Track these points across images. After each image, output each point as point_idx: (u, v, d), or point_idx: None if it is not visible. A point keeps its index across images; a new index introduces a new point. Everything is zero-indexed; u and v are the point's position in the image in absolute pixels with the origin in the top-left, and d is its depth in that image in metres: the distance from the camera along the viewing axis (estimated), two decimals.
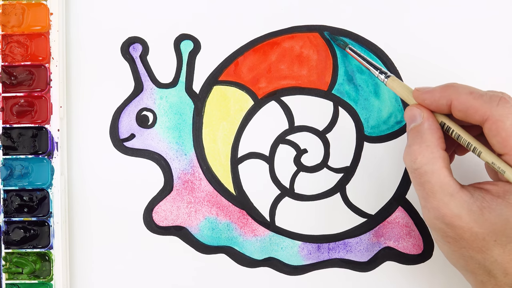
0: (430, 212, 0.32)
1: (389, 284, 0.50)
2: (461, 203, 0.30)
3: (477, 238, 0.30)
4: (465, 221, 0.30)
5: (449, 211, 0.30)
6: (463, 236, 0.31)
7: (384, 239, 0.50)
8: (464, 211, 0.30)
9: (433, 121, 0.33)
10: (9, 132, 0.50)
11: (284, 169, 0.50)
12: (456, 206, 0.30)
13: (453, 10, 0.50)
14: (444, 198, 0.31)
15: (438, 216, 0.31)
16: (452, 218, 0.30)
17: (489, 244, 0.30)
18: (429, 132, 0.33)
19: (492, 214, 0.30)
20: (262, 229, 0.50)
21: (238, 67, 0.50)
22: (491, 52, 0.50)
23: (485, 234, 0.30)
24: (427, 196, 0.32)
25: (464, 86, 0.33)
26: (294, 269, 0.50)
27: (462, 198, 0.30)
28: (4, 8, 0.50)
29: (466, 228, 0.30)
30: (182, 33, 0.51)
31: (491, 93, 0.32)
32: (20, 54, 0.50)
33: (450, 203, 0.31)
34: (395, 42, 0.50)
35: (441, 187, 0.31)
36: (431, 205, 0.32)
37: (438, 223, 0.31)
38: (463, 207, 0.30)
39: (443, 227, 0.31)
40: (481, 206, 0.30)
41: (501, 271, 0.30)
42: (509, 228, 0.29)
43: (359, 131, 0.50)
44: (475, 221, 0.30)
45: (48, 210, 0.49)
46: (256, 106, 0.50)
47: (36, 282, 0.49)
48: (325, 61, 0.50)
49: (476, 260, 0.31)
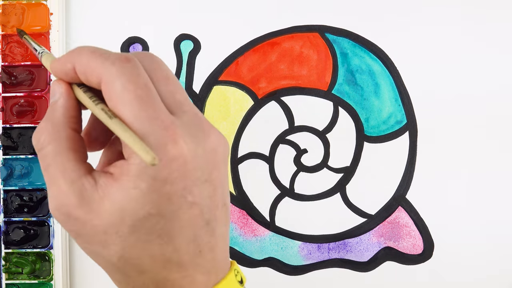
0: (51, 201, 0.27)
1: (389, 284, 0.50)
2: (81, 192, 0.26)
3: (98, 232, 0.26)
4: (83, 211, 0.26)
5: (67, 201, 0.26)
6: (85, 229, 0.26)
7: (384, 239, 0.49)
8: (84, 201, 0.26)
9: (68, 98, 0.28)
10: (9, 132, 0.50)
11: (284, 169, 0.50)
12: (75, 195, 0.26)
13: (453, 10, 0.50)
14: (64, 186, 0.26)
15: (57, 206, 0.26)
16: (71, 209, 0.26)
17: (112, 237, 0.26)
18: (60, 109, 0.27)
19: (109, 202, 0.25)
20: (262, 229, 0.50)
21: (238, 67, 0.50)
22: (491, 52, 0.50)
23: (105, 226, 0.26)
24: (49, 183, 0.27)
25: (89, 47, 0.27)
26: (294, 269, 0.50)
27: (83, 186, 0.26)
28: (4, 8, 0.50)
29: (86, 220, 0.26)
30: (182, 33, 0.51)
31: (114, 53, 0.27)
32: (20, 54, 0.50)
33: (69, 191, 0.26)
34: (395, 42, 0.50)
35: (63, 173, 0.26)
36: (52, 193, 0.26)
37: (58, 215, 0.26)
38: (82, 196, 0.26)
39: (64, 219, 0.26)
40: (103, 194, 0.26)
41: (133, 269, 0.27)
42: (127, 216, 0.25)
43: (359, 131, 0.50)
44: (94, 212, 0.26)
45: (48, 210, 0.49)
46: (256, 106, 0.50)
47: (36, 282, 0.49)
48: (325, 61, 0.50)
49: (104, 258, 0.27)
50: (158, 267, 0.27)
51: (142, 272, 0.27)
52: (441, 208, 0.50)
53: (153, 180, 0.25)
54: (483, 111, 0.50)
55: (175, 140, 0.25)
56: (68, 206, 0.26)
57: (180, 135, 0.25)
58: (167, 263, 0.27)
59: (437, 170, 0.50)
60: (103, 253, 0.27)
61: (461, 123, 0.50)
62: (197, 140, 0.26)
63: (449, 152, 0.50)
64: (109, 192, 0.26)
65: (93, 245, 0.27)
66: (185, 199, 0.26)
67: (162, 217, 0.26)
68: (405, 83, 0.50)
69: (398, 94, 0.49)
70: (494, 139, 0.50)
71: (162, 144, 0.25)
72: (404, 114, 0.50)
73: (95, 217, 0.26)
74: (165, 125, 0.25)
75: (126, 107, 0.25)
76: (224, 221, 0.28)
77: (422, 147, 0.50)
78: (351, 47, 0.50)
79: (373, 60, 0.49)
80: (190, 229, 0.26)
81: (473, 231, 0.50)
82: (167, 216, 0.26)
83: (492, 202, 0.50)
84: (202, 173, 0.26)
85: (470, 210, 0.50)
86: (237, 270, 0.30)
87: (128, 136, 0.24)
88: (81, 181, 0.26)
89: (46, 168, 0.27)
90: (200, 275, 0.27)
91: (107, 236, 0.26)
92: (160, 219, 0.26)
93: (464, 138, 0.50)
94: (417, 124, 0.50)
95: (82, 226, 0.26)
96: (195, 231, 0.27)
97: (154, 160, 0.23)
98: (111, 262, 0.27)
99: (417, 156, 0.50)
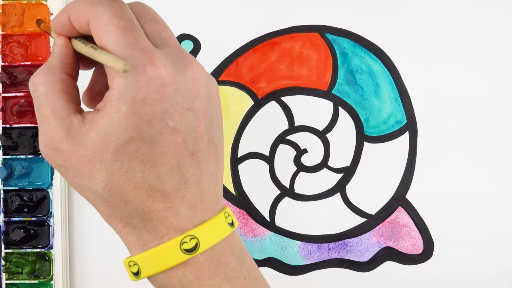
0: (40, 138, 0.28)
1: (389, 284, 0.50)
2: (69, 127, 0.27)
3: (84, 162, 0.27)
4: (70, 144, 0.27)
5: (55, 135, 0.27)
6: (71, 162, 0.27)
7: (384, 239, 0.50)
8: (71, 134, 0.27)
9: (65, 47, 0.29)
10: (9, 132, 0.50)
11: (284, 169, 0.50)
12: (63, 129, 0.27)
13: (453, 10, 0.50)
14: (53, 122, 0.27)
15: (46, 141, 0.28)
16: (58, 143, 0.27)
17: (96, 166, 0.27)
18: (57, 56, 0.29)
19: (94, 132, 0.26)
20: (262, 229, 0.50)
21: (238, 67, 0.50)
22: (491, 52, 0.50)
23: (90, 156, 0.26)
24: (40, 121, 0.28)
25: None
26: (294, 269, 0.50)
27: (71, 122, 0.27)
28: (4, 8, 0.50)
29: (72, 152, 0.27)
30: (182, 33, 0.51)
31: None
32: (20, 54, 0.50)
33: (57, 126, 0.27)
34: (395, 42, 0.50)
35: (53, 110, 0.27)
36: (41, 130, 0.28)
37: (46, 150, 0.28)
38: (69, 130, 0.27)
39: (52, 154, 0.28)
40: (89, 127, 0.27)
41: (118, 199, 0.27)
42: (110, 142, 0.26)
43: (359, 131, 0.50)
44: (80, 144, 0.27)
45: (48, 210, 0.49)
46: (256, 106, 0.50)
47: (36, 282, 0.49)
48: (325, 61, 0.50)
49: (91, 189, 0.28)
50: (142, 195, 0.27)
51: (126, 201, 0.27)
52: (441, 208, 0.50)
53: (132, 101, 0.26)
54: (484, 111, 0.50)
55: (153, 62, 0.26)
56: (56, 140, 0.27)
57: (159, 59, 0.26)
58: (151, 191, 0.27)
59: (437, 170, 0.50)
60: (89, 184, 0.27)
61: (461, 123, 0.50)
62: (177, 67, 0.27)
63: (449, 152, 0.50)
64: (94, 123, 0.26)
65: (80, 177, 0.28)
66: (165, 123, 0.26)
67: (143, 141, 0.26)
68: (405, 83, 0.50)
69: (398, 94, 0.49)
70: (494, 139, 0.50)
71: (140, 66, 0.26)
72: (404, 114, 0.50)
73: (81, 148, 0.27)
74: (145, 50, 0.26)
75: (110, 37, 0.26)
76: (213, 158, 0.29)
77: (422, 147, 0.50)
78: (351, 47, 0.50)
79: (373, 60, 0.49)
80: (173, 157, 0.27)
81: (473, 231, 0.50)
82: (148, 140, 0.26)
83: (492, 202, 0.50)
84: (183, 99, 0.27)
85: (470, 210, 0.50)
86: (228, 213, 0.30)
87: (104, 55, 0.26)
88: (70, 118, 0.27)
89: (39, 107, 0.28)
90: (186, 208, 0.28)
91: (91, 165, 0.27)
92: (142, 143, 0.26)
93: (464, 138, 0.50)
94: (417, 124, 0.50)
95: (69, 158, 0.27)
96: (179, 159, 0.27)
97: (125, 66, 0.24)
98: (97, 192, 0.28)
99: (417, 156, 0.50)
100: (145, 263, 0.28)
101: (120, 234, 0.29)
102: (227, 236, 0.29)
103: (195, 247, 0.27)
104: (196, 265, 0.28)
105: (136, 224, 0.28)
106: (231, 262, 0.29)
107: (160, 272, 0.28)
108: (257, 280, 0.30)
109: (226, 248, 0.29)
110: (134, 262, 0.28)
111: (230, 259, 0.29)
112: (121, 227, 0.29)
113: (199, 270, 0.28)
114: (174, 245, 0.27)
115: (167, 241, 0.28)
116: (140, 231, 0.28)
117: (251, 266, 0.30)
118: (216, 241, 0.28)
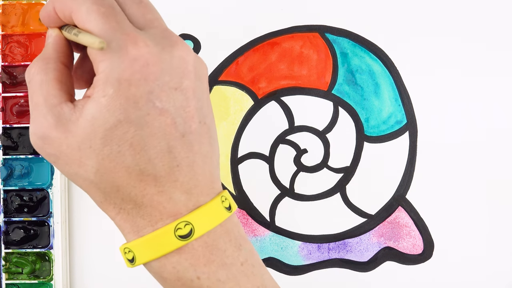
0: (31, 126, 0.28)
1: (389, 284, 0.50)
2: (60, 114, 0.27)
3: (73, 149, 0.26)
4: (59, 131, 0.26)
5: (45, 123, 0.27)
6: (61, 150, 0.27)
7: (384, 239, 0.50)
8: (61, 121, 0.26)
9: (58, 38, 0.29)
10: (9, 132, 0.50)
11: (284, 169, 0.50)
12: (53, 117, 0.27)
13: (453, 11, 0.50)
14: (44, 109, 0.27)
15: (35, 129, 0.27)
16: (48, 130, 0.27)
17: (86, 152, 0.26)
18: (51, 46, 0.29)
19: (83, 118, 0.26)
20: (262, 229, 0.50)
21: (238, 67, 0.50)
22: (492, 51, 0.50)
23: (79, 142, 0.26)
24: (32, 109, 0.28)
25: None
26: (294, 269, 0.50)
27: (62, 110, 0.27)
28: (4, 8, 0.50)
29: (62, 139, 0.26)
30: (182, 33, 0.51)
31: None
32: (20, 54, 0.50)
33: (48, 114, 0.27)
34: (395, 42, 0.50)
35: (45, 98, 0.27)
36: (32, 118, 0.27)
37: (36, 139, 0.27)
38: (60, 118, 0.26)
39: (41, 143, 0.27)
40: (79, 114, 0.26)
41: (110, 184, 0.27)
42: (98, 127, 0.26)
43: (359, 131, 0.50)
44: (69, 131, 0.26)
45: (48, 210, 0.49)
46: (256, 106, 0.50)
47: (36, 282, 0.49)
48: (325, 61, 0.50)
49: (83, 177, 0.27)
50: (134, 180, 0.27)
51: (119, 186, 0.27)
52: (441, 208, 0.50)
53: (118, 83, 0.25)
54: (484, 111, 0.50)
55: (135, 42, 0.26)
56: (46, 128, 0.27)
57: (141, 39, 0.26)
58: (142, 175, 0.27)
59: (437, 170, 0.50)
60: (81, 171, 0.27)
61: (461, 123, 0.50)
62: (162, 46, 0.26)
63: (449, 152, 0.50)
64: (83, 110, 0.26)
65: (71, 165, 0.27)
66: (153, 104, 0.26)
67: (131, 123, 0.26)
68: (405, 83, 0.50)
69: (398, 94, 0.49)
70: (494, 139, 0.50)
71: (123, 47, 0.25)
72: (404, 114, 0.50)
73: (70, 135, 0.26)
74: (127, 32, 0.26)
75: (92, 24, 0.26)
76: (207, 140, 0.28)
77: (422, 147, 0.50)
78: (351, 47, 0.50)
79: (373, 60, 0.49)
80: (163, 139, 0.26)
81: (473, 231, 0.50)
82: (135, 123, 0.26)
83: (492, 202, 0.50)
84: (170, 78, 0.26)
85: (470, 210, 0.50)
86: (225, 196, 0.29)
87: (83, 36, 0.26)
88: (61, 106, 0.27)
89: (32, 95, 0.28)
90: (179, 192, 0.27)
91: (81, 152, 0.26)
92: (130, 126, 0.26)
93: (464, 138, 0.50)
94: (417, 124, 0.50)
95: (58, 146, 0.27)
96: (169, 141, 0.26)
97: (101, 44, 0.25)
98: (89, 179, 0.27)
99: (417, 156, 0.50)
100: (139, 250, 0.27)
101: (115, 220, 0.29)
102: (224, 221, 0.28)
103: (189, 233, 0.27)
104: (191, 252, 0.27)
105: (129, 210, 0.28)
106: (227, 249, 0.28)
107: (154, 259, 0.27)
108: (255, 267, 0.29)
109: (223, 233, 0.28)
110: (129, 249, 0.28)
111: (226, 245, 0.28)
112: (115, 214, 0.28)
113: (194, 257, 0.27)
114: (168, 232, 0.27)
115: (161, 227, 0.27)
116: (134, 217, 0.28)
117: (249, 252, 0.29)
118: (211, 227, 0.27)
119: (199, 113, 0.27)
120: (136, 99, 0.26)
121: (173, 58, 0.27)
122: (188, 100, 0.27)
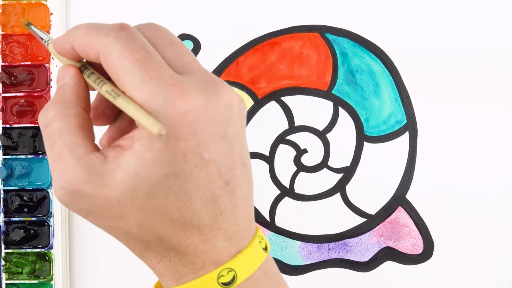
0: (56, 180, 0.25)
1: (389, 284, 0.50)
2: (90, 166, 0.25)
3: (112, 203, 0.25)
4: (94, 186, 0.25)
5: (75, 177, 0.25)
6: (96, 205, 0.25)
7: (384, 239, 0.50)
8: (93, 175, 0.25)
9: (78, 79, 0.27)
10: (9, 132, 0.50)
11: (284, 169, 0.50)
12: (83, 170, 0.25)
13: (453, 10, 0.50)
14: (71, 162, 0.25)
15: (64, 184, 0.25)
16: (79, 185, 0.25)
17: (126, 206, 0.25)
18: (71, 89, 0.27)
19: (121, 172, 0.25)
20: (262, 229, 0.50)
21: (238, 67, 0.50)
22: (492, 51, 0.50)
23: (119, 197, 0.25)
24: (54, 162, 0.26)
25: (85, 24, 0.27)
26: (294, 269, 0.50)
27: (91, 161, 0.25)
28: (4, 8, 0.50)
29: (96, 194, 0.25)
30: (182, 33, 0.51)
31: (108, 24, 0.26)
32: (20, 54, 0.50)
33: (76, 166, 0.25)
34: (395, 42, 0.50)
35: (70, 149, 0.25)
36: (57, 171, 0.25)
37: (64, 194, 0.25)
38: (91, 171, 0.25)
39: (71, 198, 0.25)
40: (114, 166, 0.25)
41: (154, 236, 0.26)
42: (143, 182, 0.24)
43: (359, 131, 0.50)
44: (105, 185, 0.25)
45: (48, 210, 0.49)
46: (256, 106, 0.50)
47: (36, 282, 0.49)
48: (325, 61, 0.50)
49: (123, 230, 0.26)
50: (179, 231, 0.26)
51: (162, 237, 0.26)
52: (441, 208, 0.50)
53: (166, 139, 0.24)
54: (484, 111, 0.50)
55: (183, 94, 0.24)
56: (76, 183, 0.25)
57: (188, 89, 0.24)
58: (187, 226, 0.26)
59: (437, 170, 0.50)
60: (121, 225, 0.26)
61: (461, 123, 0.50)
62: (208, 94, 0.25)
63: (449, 152, 0.50)
64: (120, 162, 0.25)
65: (109, 219, 0.26)
66: (201, 157, 0.25)
67: (178, 177, 0.25)
68: (405, 83, 0.50)
69: (398, 94, 0.49)
70: (494, 139, 0.50)
71: (170, 100, 0.24)
72: (404, 114, 0.50)
73: (107, 190, 0.25)
74: (171, 82, 0.24)
75: (127, 74, 0.24)
76: (246, 182, 0.28)
77: (422, 147, 0.50)
78: (351, 47, 0.50)
79: (373, 60, 0.49)
80: (208, 189, 0.26)
81: (473, 231, 0.50)
82: (182, 176, 0.25)
83: (492, 202, 0.50)
84: (217, 128, 0.25)
85: (470, 210, 0.50)
86: (262, 236, 0.29)
87: (134, 110, 0.24)
88: (89, 157, 0.25)
89: (52, 145, 0.26)
90: (222, 240, 0.27)
91: (121, 206, 0.25)
92: (177, 179, 0.25)
93: (464, 138, 0.50)
94: (417, 124, 0.50)
95: (92, 202, 0.25)
96: (214, 190, 0.26)
97: (161, 131, 0.23)
98: (131, 232, 0.26)
99: (417, 156, 0.50)
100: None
101: (155, 268, 0.28)
102: (262, 263, 0.28)
103: (232, 280, 0.27)
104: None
105: (172, 258, 0.27)
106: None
107: None
108: None
109: (261, 276, 0.28)
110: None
111: (265, 286, 0.28)
112: (157, 262, 0.27)
113: None
114: (211, 279, 0.27)
115: (203, 274, 0.27)
116: (176, 265, 0.27)
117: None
118: (252, 271, 0.27)
119: (241, 157, 0.27)
120: (184, 153, 0.25)
121: (220, 106, 0.26)
122: (233, 146, 0.26)
